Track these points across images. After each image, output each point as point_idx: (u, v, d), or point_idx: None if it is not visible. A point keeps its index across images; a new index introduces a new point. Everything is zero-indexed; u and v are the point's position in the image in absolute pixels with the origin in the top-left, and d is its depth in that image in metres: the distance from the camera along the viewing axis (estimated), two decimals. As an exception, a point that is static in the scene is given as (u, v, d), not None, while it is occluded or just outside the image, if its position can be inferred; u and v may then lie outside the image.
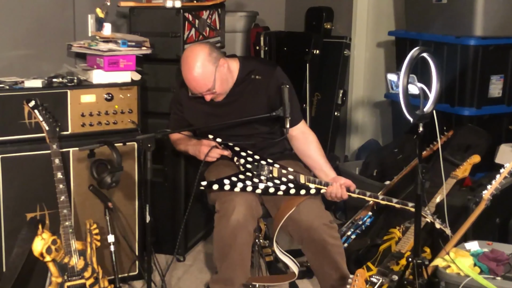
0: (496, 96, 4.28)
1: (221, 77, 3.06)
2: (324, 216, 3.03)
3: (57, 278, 2.92)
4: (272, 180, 2.99)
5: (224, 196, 2.95)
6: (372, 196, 3.12)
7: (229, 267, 2.95)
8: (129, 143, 3.34)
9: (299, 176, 3.04)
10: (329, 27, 4.98)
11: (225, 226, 2.90)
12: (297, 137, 3.22)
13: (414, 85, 2.73)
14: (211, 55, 3.05)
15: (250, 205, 2.94)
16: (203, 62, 3.02)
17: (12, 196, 3.10)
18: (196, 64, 3.01)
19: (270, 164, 3.05)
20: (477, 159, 3.60)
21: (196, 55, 3.03)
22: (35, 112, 2.98)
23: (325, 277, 3.05)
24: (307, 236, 2.98)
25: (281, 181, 3.00)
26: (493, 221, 3.48)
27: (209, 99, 3.10)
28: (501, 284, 2.70)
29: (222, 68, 3.07)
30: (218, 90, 3.07)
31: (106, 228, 3.21)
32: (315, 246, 2.99)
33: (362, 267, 3.18)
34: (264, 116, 3.06)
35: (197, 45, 3.16)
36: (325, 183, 3.06)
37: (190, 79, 3.05)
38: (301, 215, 2.98)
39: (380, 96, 4.99)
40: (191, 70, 3.02)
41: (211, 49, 3.07)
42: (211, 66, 3.03)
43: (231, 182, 2.93)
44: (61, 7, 3.62)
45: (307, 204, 3.01)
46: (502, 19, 4.14)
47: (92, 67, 3.37)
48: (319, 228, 2.97)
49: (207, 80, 3.03)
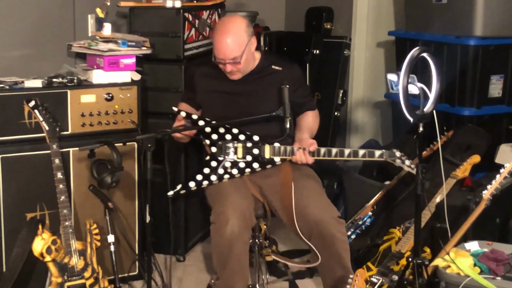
0: (496, 96, 4.28)
1: (248, 53, 3.09)
2: (332, 210, 3.03)
3: (57, 278, 2.92)
4: (236, 165, 3.05)
5: (218, 208, 2.96)
6: (338, 154, 3.03)
7: (229, 276, 2.98)
8: (129, 143, 3.34)
9: (264, 149, 3.06)
10: (329, 27, 4.98)
11: (220, 238, 2.92)
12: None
13: (414, 85, 2.73)
14: (248, 28, 3.10)
15: (244, 216, 2.95)
16: (240, 30, 3.05)
17: (12, 196, 3.10)
18: (233, 30, 3.04)
19: (237, 136, 3.07)
20: (477, 159, 3.60)
21: (235, 21, 3.08)
22: (35, 112, 2.98)
23: (330, 273, 3.04)
24: (316, 230, 2.97)
25: (246, 163, 3.05)
26: (493, 221, 3.47)
27: (228, 70, 3.09)
28: (501, 284, 2.70)
29: (252, 45, 3.11)
30: (242, 64, 3.07)
31: (106, 228, 3.21)
32: (323, 241, 2.98)
33: (362, 267, 3.18)
34: (264, 116, 3.06)
35: (236, 15, 3.22)
36: (289, 152, 3.05)
37: (222, 42, 3.04)
38: (310, 209, 2.98)
39: (380, 96, 4.98)
40: (227, 33, 3.04)
41: (249, 23, 3.13)
42: (246, 36, 3.06)
43: (197, 182, 3.06)
44: (61, 7, 3.62)
45: (314, 197, 3.02)
46: (502, 19, 4.14)
47: (92, 67, 3.37)
48: (329, 222, 2.97)
49: (238, 47, 3.03)
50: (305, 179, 3.14)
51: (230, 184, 3.07)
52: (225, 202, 2.95)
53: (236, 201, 2.96)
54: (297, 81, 3.25)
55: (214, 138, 3.08)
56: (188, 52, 3.74)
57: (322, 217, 2.96)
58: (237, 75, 3.14)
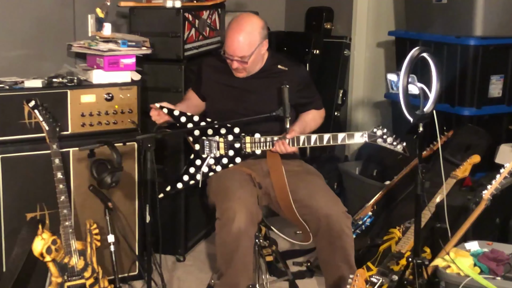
0: (496, 96, 4.28)
1: (257, 54, 3.10)
2: (341, 205, 3.03)
3: (57, 278, 2.92)
4: (219, 162, 3.11)
5: (224, 203, 2.95)
6: (317, 140, 3.01)
7: (233, 273, 2.96)
8: (129, 143, 3.34)
9: (245, 142, 3.08)
10: (329, 27, 4.98)
11: (227, 234, 2.90)
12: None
13: (414, 85, 2.73)
14: (263, 29, 3.10)
15: (251, 211, 2.93)
16: (254, 31, 3.06)
17: (12, 196, 3.10)
18: (247, 28, 3.05)
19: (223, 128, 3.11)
20: (477, 159, 3.60)
21: (251, 21, 3.09)
22: (35, 112, 2.98)
23: (334, 269, 3.03)
24: (326, 224, 2.96)
25: (228, 158, 3.10)
26: (493, 221, 3.47)
27: (235, 67, 3.11)
28: (501, 284, 2.70)
29: (263, 47, 3.12)
30: (249, 64, 3.09)
31: (106, 228, 3.21)
32: (331, 235, 2.97)
33: (362, 267, 3.18)
34: (264, 116, 3.06)
35: (255, 15, 3.20)
36: (269, 143, 3.07)
37: (234, 38, 3.05)
38: (319, 202, 2.98)
39: (380, 96, 4.98)
40: (241, 31, 3.04)
41: (265, 26, 3.13)
42: (258, 38, 3.07)
43: (184, 182, 3.14)
44: (61, 7, 3.62)
45: (322, 193, 3.03)
46: (502, 19, 4.14)
47: (92, 67, 3.37)
48: (338, 216, 2.97)
49: (248, 47, 3.04)
50: (310, 175, 3.16)
51: (235, 180, 3.06)
52: (232, 197, 2.94)
53: (243, 196, 2.95)
54: (303, 81, 3.25)
55: (196, 134, 3.12)
56: (188, 52, 3.74)
57: (332, 211, 2.96)
58: (242, 73, 3.15)
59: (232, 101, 3.18)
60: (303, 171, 3.17)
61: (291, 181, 3.06)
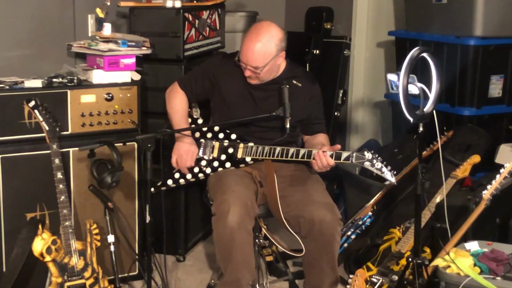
0: (496, 96, 4.28)
1: (272, 65, 3.06)
2: (336, 211, 3.02)
3: (57, 278, 2.92)
4: (210, 164, 3.15)
5: (218, 198, 2.95)
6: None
7: (234, 269, 2.95)
8: (129, 143, 3.34)
9: (237, 148, 3.11)
10: (329, 27, 4.98)
11: (222, 228, 2.90)
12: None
13: (414, 85, 2.73)
14: (281, 42, 3.05)
15: (245, 204, 2.93)
16: (271, 43, 3.02)
17: (12, 196, 3.10)
18: (264, 40, 3.01)
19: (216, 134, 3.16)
20: (477, 159, 3.60)
21: (270, 31, 3.03)
22: (35, 112, 2.98)
23: (318, 272, 3.04)
24: (318, 229, 2.95)
25: (219, 162, 3.14)
26: (493, 221, 3.48)
27: (247, 75, 3.08)
28: (501, 284, 2.70)
29: (278, 59, 3.08)
30: (262, 74, 3.06)
31: (106, 228, 3.21)
32: (322, 240, 2.97)
33: (362, 267, 3.18)
34: (264, 116, 3.06)
35: (276, 25, 3.11)
36: (260, 152, 3.05)
37: (249, 47, 3.01)
38: (315, 207, 2.96)
39: (380, 96, 4.98)
40: (257, 40, 3.00)
41: (284, 37, 3.07)
42: (274, 50, 3.03)
43: (174, 180, 3.21)
44: (61, 7, 3.61)
45: (320, 197, 3.02)
46: (502, 19, 4.14)
47: (92, 67, 3.37)
48: (332, 222, 2.96)
49: (263, 58, 3.01)
50: (310, 179, 3.15)
51: (234, 176, 3.07)
52: (226, 190, 2.95)
53: (238, 190, 2.96)
54: (314, 100, 3.23)
55: (196, 137, 3.17)
56: (188, 52, 3.74)
57: (327, 217, 2.95)
58: (254, 80, 3.13)
59: (240, 105, 3.16)
60: (304, 175, 3.16)
61: (290, 184, 3.07)
